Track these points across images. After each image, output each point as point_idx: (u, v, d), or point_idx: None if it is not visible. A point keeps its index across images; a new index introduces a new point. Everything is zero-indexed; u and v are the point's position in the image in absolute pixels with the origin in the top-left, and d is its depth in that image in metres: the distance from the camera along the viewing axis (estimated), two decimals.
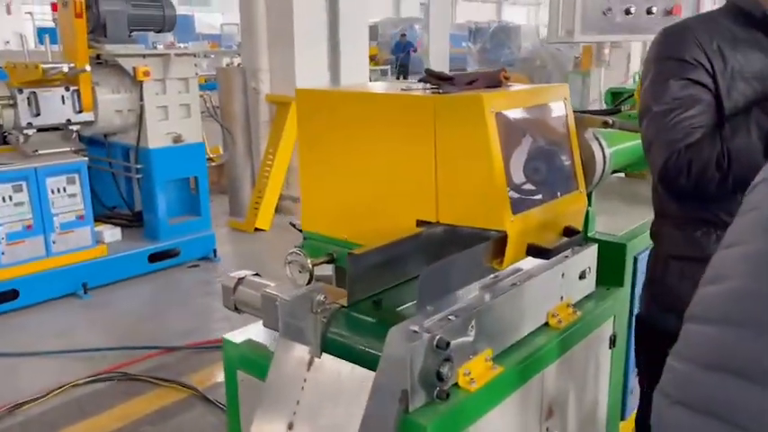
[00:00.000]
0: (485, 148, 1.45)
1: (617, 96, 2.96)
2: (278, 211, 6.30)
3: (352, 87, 1.83)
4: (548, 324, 1.71)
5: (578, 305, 1.84)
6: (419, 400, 1.30)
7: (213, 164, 5.72)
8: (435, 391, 1.31)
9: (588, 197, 1.85)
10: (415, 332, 1.28)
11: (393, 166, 1.60)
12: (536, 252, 1.57)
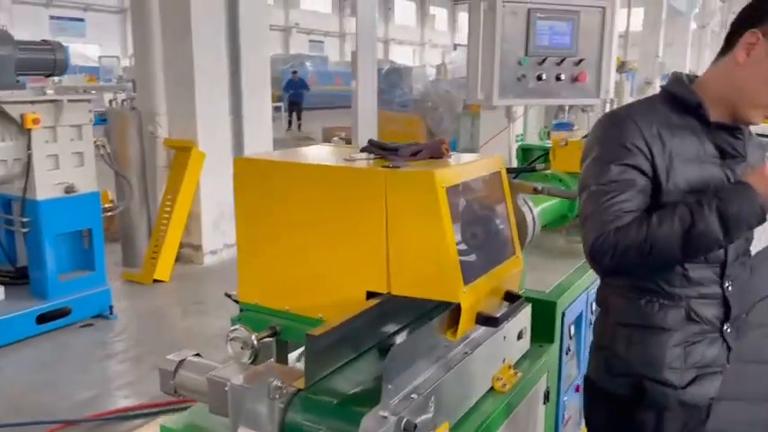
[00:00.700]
0: (437, 221, 1.48)
1: (527, 153, 3.12)
2: (178, 260, 6.03)
3: (295, 156, 1.81)
4: (493, 388, 1.75)
5: (517, 365, 1.90)
6: None
7: (108, 214, 5.38)
8: None
9: None
10: (384, 417, 1.26)
11: (341, 238, 1.59)
12: (485, 321, 1.60)
